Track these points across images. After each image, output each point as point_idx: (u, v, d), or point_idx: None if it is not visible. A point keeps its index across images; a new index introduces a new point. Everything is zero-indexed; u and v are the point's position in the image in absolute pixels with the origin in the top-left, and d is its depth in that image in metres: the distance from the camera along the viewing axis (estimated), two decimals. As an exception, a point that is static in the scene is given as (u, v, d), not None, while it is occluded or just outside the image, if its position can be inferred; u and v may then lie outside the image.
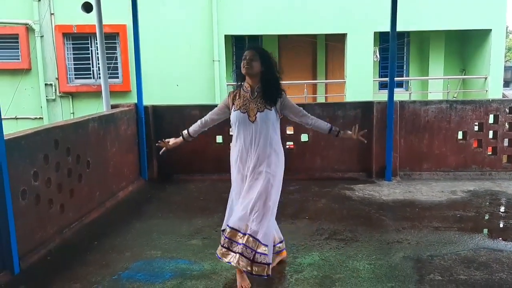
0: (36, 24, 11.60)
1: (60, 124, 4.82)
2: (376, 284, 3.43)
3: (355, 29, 12.01)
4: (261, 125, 3.34)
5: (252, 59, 3.32)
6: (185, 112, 6.83)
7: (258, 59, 3.33)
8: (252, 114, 3.35)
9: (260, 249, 3.27)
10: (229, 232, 3.36)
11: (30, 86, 11.85)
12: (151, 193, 6.15)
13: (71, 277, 3.64)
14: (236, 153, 3.46)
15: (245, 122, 3.37)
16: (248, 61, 3.31)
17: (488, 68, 12.25)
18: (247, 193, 3.37)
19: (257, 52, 3.36)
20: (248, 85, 3.41)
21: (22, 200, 3.85)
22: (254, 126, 3.35)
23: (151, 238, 4.48)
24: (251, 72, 3.34)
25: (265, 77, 3.37)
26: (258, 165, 3.35)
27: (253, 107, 3.36)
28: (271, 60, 3.41)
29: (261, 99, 3.36)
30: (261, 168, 3.34)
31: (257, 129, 3.35)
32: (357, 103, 6.83)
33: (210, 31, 11.75)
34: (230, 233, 3.35)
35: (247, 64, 3.31)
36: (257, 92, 3.39)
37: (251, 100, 3.38)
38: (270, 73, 3.38)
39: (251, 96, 3.39)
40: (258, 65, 3.33)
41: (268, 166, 3.35)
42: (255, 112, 3.35)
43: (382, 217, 5.02)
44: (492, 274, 3.56)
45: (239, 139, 3.43)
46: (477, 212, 5.17)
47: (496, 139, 6.62)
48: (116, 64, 11.84)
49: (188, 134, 3.82)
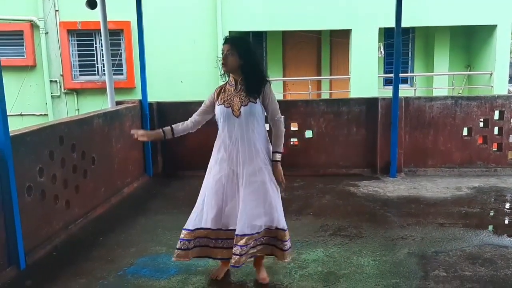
0: (41, 21, 11.62)
1: (65, 120, 4.84)
2: (380, 280, 3.43)
3: (359, 25, 11.96)
4: (246, 119, 3.19)
5: (228, 54, 3.18)
6: (189, 108, 6.76)
7: (235, 52, 3.16)
8: (236, 109, 3.20)
9: (286, 237, 3.27)
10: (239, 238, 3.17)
11: (35, 82, 11.88)
12: (156, 189, 6.16)
13: (76, 272, 3.66)
14: (220, 151, 3.32)
15: (229, 117, 3.22)
16: (224, 57, 3.19)
17: (494, 64, 12.18)
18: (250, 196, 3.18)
19: (233, 45, 3.19)
20: (232, 79, 3.28)
21: (27, 196, 3.86)
22: (238, 121, 3.20)
23: (156, 234, 4.49)
24: (227, 69, 3.22)
25: (244, 69, 3.21)
26: (249, 164, 3.19)
27: (237, 101, 3.21)
28: (250, 50, 3.24)
29: (245, 92, 3.22)
30: (255, 165, 3.20)
31: (242, 124, 3.20)
32: (362, 99, 6.81)
33: (214, 27, 11.74)
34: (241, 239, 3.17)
35: (223, 60, 3.19)
36: (240, 85, 3.24)
37: (235, 94, 3.24)
38: (250, 64, 3.20)
39: (235, 90, 3.26)
40: (234, 59, 3.17)
41: (263, 162, 3.23)
42: (239, 106, 3.20)
43: (386, 213, 5.01)
44: (497, 271, 3.56)
45: (224, 135, 3.28)
46: (482, 208, 5.16)
47: (501, 135, 6.59)
48: (121, 60, 11.85)
49: (171, 132, 3.58)
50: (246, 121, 3.20)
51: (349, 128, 6.61)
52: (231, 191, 3.26)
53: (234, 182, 3.26)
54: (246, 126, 3.21)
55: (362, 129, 6.62)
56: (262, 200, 3.21)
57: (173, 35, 11.69)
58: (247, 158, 3.22)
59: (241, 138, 3.22)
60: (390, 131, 6.40)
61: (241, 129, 3.21)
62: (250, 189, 3.19)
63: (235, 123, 3.22)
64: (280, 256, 3.32)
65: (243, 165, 3.22)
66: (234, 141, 3.24)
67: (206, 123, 6.79)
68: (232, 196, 3.26)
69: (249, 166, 3.21)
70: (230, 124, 3.24)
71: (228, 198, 3.27)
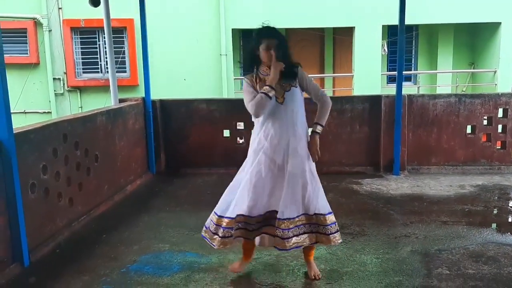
0: (44, 19, 11.64)
1: (69, 118, 4.85)
2: (383, 278, 3.43)
3: (363, 23, 11.94)
4: (290, 104, 3.20)
5: (273, 48, 3.16)
6: (192, 106, 6.85)
7: (278, 44, 3.18)
8: (279, 96, 3.19)
9: (328, 220, 3.28)
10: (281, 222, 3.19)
11: (38, 80, 11.91)
12: (159, 187, 6.18)
13: (79, 269, 3.67)
14: (261, 141, 3.24)
15: (273, 104, 3.19)
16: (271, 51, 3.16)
17: (498, 61, 12.14)
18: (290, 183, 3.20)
19: (277, 39, 3.19)
20: (267, 68, 3.23)
21: (31, 193, 3.88)
22: (283, 107, 3.20)
23: (159, 231, 4.50)
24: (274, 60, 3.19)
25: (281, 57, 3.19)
26: (292, 151, 3.20)
27: (278, 87, 3.19)
28: (285, 39, 3.28)
29: (283, 79, 3.20)
30: (297, 152, 3.22)
31: (287, 110, 3.20)
32: (365, 97, 6.80)
33: (217, 25, 11.74)
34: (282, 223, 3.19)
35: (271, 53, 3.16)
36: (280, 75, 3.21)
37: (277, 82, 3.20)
38: (284, 53, 3.22)
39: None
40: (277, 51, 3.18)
41: (304, 150, 3.27)
42: (282, 93, 3.19)
43: (389, 211, 5.01)
44: (501, 269, 3.55)
45: (268, 123, 3.22)
46: (485, 206, 5.15)
47: (505, 133, 6.56)
48: (124, 58, 11.86)
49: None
50: (291, 106, 3.21)
51: (352, 125, 6.60)
52: (272, 180, 3.24)
53: (274, 172, 3.23)
54: (290, 112, 3.21)
55: (365, 126, 6.61)
56: (301, 187, 3.23)
57: (176, 33, 11.69)
58: (290, 144, 3.21)
59: (286, 124, 3.21)
60: (393, 128, 6.38)
61: (285, 115, 3.21)
62: (291, 176, 3.20)
63: (280, 109, 3.21)
64: (325, 241, 3.30)
65: (286, 153, 3.21)
66: (278, 128, 3.21)
67: (208, 123, 6.80)
68: (273, 185, 3.24)
69: (291, 154, 3.21)
70: (275, 112, 3.21)
71: (267, 188, 3.24)
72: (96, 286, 3.42)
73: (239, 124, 6.79)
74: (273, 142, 3.22)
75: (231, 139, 6.80)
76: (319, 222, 3.28)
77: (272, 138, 3.22)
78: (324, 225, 3.27)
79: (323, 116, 3.36)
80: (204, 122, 6.76)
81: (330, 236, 3.27)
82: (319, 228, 3.29)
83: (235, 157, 6.78)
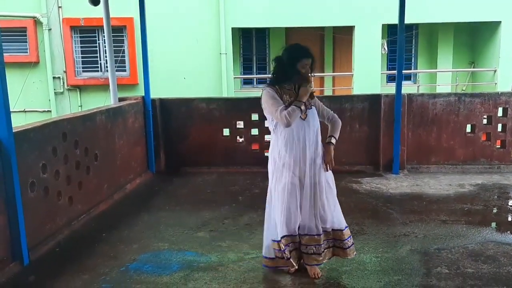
0: (44, 17, 11.63)
1: (68, 116, 4.85)
2: (382, 277, 3.44)
3: (363, 22, 11.93)
4: (312, 121, 3.34)
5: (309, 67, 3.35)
6: (192, 105, 6.85)
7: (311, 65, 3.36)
8: (303, 112, 3.29)
9: (345, 235, 3.44)
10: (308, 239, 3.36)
11: (38, 79, 11.90)
12: (159, 186, 6.18)
13: (79, 268, 3.68)
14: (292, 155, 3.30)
15: (297, 120, 3.28)
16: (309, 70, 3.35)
17: (498, 60, 12.14)
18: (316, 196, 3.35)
19: (312, 59, 3.37)
20: (293, 85, 3.36)
21: (31, 192, 3.88)
22: (306, 123, 3.32)
23: (159, 230, 4.51)
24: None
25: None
26: (316, 163, 3.34)
27: (303, 105, 3.29)
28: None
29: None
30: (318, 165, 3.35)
31: (309, 126, 3.33)
32: (365, 96, 6.80)
33: (217, 24, 11.73)
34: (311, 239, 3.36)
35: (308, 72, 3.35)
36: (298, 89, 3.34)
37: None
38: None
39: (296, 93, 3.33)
40: None
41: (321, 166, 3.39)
42: (305, 110, 3.30)
43: (389, 210, 5.01)
44: (500, 268, 3.55)
45: (292, 138, 3.30)
46: (485, 205, 5.15)
47: (505, 132, 6.56)
48: (124, 57, 11.86)
49: None
50: (312, 123, 3.35)
51: (351, 125, 6.60)
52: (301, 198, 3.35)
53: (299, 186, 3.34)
54: (312, 128, 3.34)
55: (365, 126, 6.61)
56: (317, 203, 3.35)
57: (176, 32, 11.69)
58: (312, 159, 3.33)
59: (308, 140, 3.32)
60: (393, 128, 6.38)
61: (308, 131, 3.33)
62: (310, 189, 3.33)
63: (303, 125, 3.31)
64: (342, 254, 3.47)
65: (306, 168, 3.31)
66: (304, 143, 3.32)
67: (208, 122, 6.81)
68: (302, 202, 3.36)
69: (311, 168, 3.33)
70: (298, 127, 3.30)
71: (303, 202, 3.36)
72: (95, 285, 3.42)
73: (238, 123, 6.80)
74: (296, 158, 3.30)
75: (231, 138, 6.80)
76: (337, 237, 3.43)
77: (296, 153, 3.30)
78: (342, 240, 3.43)
79: (336, 131, 3.52)
80: (204, 121, 6.76)
81: (347, 250, 3.44)
82: (336, 242, 3.45)
83: (235, 156, 6.85)
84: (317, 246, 3.35)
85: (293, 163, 3.30)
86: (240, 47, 13.21)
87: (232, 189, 5.86)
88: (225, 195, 5.65)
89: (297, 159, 3.30)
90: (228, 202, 5.32)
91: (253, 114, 6.76)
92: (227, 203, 5.28)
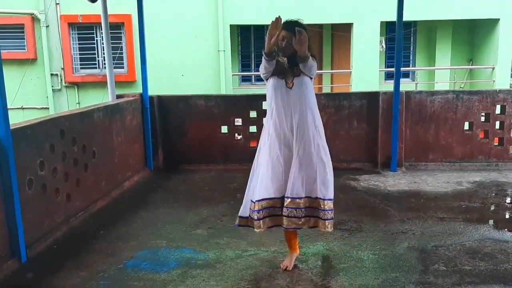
0: (42, 14, 11.60)
1: (66, 114, 4.84)
2: (380, 274, 3.44)
3: (361, 19, 11.93)
4: (299, 89, 3.32)
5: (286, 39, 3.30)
6: (190, 102, 6.84)
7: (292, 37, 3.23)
8: (289, 80, 3.33)
9: (327, 206, 3.36)
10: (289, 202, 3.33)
11: (36, 76, 11.88)
12: (157, 183, 6.17)
13: (77, 265, 3.68)
14: (274, 123, 3.37)
15: (282, 89, 3.34)
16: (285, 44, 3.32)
17: (496, 58, 12.15)
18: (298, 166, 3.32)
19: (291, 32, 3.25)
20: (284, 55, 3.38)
21: (28, 189, 3.87)
22: (292, 92, 3.33)
23: (157, 227, 4.51)
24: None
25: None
26: (301, 132, 3.32)
27: (290, 73, 3.34)
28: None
29: (296, 66, 3.33)
30: (306, 135, 3.33)
31: (295, 94, 3.32)
32: (363, 94, 6.79)
33: (215, 20, 11.71)
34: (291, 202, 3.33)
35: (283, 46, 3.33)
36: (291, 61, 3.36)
37: (288, 68, 3.36)
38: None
39: (287, 64, 3.37)
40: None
41: (312, 135, 3.35)
42: (292, 78, 3.33)
43: (387, 207, 5.02)
44: (497, 265, 3.56)
45: (277, 108, 3.36)
46: (482, 203, 5.16)
47: (502, 129, 6.57)
48: (122, 54, 11.84)
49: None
50: (299, 91, 3.33)
51: (350, 122, 6.60)
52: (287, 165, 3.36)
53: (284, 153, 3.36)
54: (298, 96, 3.33)
55: (363, 123, 6.61)
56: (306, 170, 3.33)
57: (174, 28, 11.67)
58: (298, 127, 3.32)
59: (293, 107, 3.32)
60: (391, 125, 6.38)
61: (294, 99, 3.33)
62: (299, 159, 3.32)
63: (289, 93, 3.34)
64: (321, 225, 3.39)
65: (293, 135, 3.33)
66: (286, 111, 3.34)
67: (206, 119, 6.77)
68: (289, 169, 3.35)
69: (299, 137, 3.32)
70: (283, 97, 3.34)
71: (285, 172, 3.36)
72: (93, 281, 3.42)
73: (237, 120, 6.80)
74: (281, 125, 3.35)
75: (229, 136, 6.80)
76: (319, 206, 3.36)
77: (280, 121, 3.35)
78: (322, 210, 3.36)
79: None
80: (202, 118, 6.75)
81: (325, 222, 3.36)
82: (316, 211, 3.38)
83: (233, 153, 6.84)
84: (297, 210, 3.33)
85: (275, 130, 3.36)
86: (238, 44, 13.19)
87: (230, 186, 5.86)
88: (223, 192, 5.65)
89: (279, 127, 3.35)
90: (226, 200, 5.32)
91: (251, 111, 6.75)
92: (225, 200, 5.28)
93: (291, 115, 3.33)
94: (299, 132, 3.33)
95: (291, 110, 3.33)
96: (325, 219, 3.36)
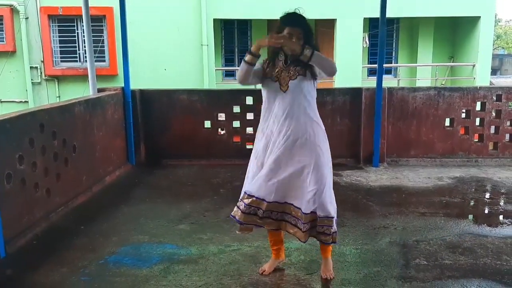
0: (21, 6, 11.38)
1: (46, 107, 4.75)
2: (362, 269, 3.47)
3: (344, 15, 11.98)
4: (293, 94, 3.03)
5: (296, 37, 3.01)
6: (173, 96, 6.78)
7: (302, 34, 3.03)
8: (284, 83, 3.05)
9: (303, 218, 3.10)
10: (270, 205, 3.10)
11: (15, 69, 11.67)
12: (139, 178, 6.12)
13: (57, 261, 3.62)
14: (263, 129, 3.14)
15: (276, 92, 3.07)
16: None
17: (477, 55, 12.33)
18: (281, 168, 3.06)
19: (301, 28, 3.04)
20: (283, 54, 3.10)
21: (7, 184, 3.79)
22: (285, 96, 3.04)
23: (139, 222, 4.46)
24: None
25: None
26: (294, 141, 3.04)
27: (285, 75, 3.06)
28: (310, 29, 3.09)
29: (295, 66, 3.06)
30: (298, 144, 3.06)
31: (289, 99, 3.03)
32: (346, 89, 6.82)
33: (198, 14, 11.64)
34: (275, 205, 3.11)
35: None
36: (290, 60, 3.08)
37: (284, 68, 3.08)
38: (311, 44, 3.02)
39: (284, 64, 3.10)
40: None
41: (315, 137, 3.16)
42: (287, 80, 3.05)
43: (369, 202, 5.05)
44: (477, 259, 3.61)
45: (268, 111, 3.11)
46: (462, 198, 5.23)
47: (483, 126, 6.66)
48: (103, 47, 11.69)
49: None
50: (293, 96, 3.05)
51: (333, 118, 6.62)
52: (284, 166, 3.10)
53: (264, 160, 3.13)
54: (292, 101, 3.04)
55: (346, 119, 6.64)
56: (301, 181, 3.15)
57: (156, 22, 11.56)
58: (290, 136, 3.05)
59: (284, 114, 3.05)
60: (373, 121, 6.42)
61: (286, 104, 3.04)
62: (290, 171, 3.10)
63: (283, 98, 3.06)
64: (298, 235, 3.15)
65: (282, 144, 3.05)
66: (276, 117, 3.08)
67: (189, 114, 6.72)
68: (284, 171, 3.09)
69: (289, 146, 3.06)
70: (277, 100, 3.08)
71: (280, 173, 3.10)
72: (74, 277, 3.38)
73: (220, 115, 6.76)
74: (267, 129, 3.12)
75: (212, 130, 6.76)
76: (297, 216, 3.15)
77: (269, 127, 3.11)
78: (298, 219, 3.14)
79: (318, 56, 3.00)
80: (185, 113, 6.70)
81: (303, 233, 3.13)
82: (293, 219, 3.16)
83: (216, 148, 6.82)
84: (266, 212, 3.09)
85: (263, 134, 3.14)
86: (222, 39, 13.14)
87: (213, 182, 5.84)
88: (206, 187, 5.63)
89: (268, 131, 3.10)
90: (209, 195, 5.30)
91: (234, 106, 6.73)
92: (208, 196, 5.26)
93: (280, 122, 3.05)
94: (290, 141, 3.05)
95: (281, 116, 3.05)
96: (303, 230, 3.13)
